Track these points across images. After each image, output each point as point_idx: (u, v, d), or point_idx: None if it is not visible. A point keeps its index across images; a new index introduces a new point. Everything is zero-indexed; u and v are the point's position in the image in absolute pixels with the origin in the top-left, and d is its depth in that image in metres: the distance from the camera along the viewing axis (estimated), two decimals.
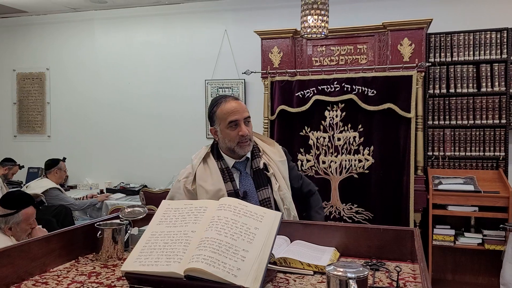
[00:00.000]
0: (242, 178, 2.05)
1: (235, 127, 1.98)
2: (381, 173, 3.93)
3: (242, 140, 1.98)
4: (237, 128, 1.98)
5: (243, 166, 2.08)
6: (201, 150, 2.14)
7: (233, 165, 2.06)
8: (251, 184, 2.03)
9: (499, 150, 4.20)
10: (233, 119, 1.97)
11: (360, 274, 1.03)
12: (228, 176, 2.02)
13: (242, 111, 2.00)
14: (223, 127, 2.00)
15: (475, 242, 4.00)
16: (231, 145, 2.01)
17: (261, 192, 2.02)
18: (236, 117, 1.97)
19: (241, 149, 2.01)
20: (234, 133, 1.98)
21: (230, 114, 1.97)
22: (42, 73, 6.24)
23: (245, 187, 2.02)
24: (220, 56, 5.42)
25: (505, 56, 4.18)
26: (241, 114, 1.98)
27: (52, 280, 1.32)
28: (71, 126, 6.15)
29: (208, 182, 2.00)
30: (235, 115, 1.98)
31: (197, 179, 2.03)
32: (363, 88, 3.94)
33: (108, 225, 1.57)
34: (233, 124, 1.98)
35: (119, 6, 5.72)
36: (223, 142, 2.03)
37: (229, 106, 1.99)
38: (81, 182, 6.03)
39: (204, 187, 1.99)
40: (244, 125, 1.98)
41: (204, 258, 1.16)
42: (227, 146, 2.03)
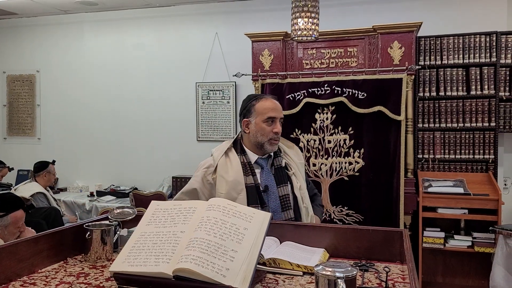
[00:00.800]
0: (264, 174, 2.12)
1: (271, 123, 2.09)
2: (372, 176, 3.95)
3: (274, 137, 2.10)
4: (273, 125, 2.09)
5: (265, 162, 2.15)
6: (223, 144, 2.21)
7: (256, 160, 2.14)
8: (272, 180, 2.11)
9: (489, 153, 4.23)
10: (272, 116, 2.09)
11: (349, 274, 1.03)
12: (250, 170, 2.09)
13: (280, 111, 2.13)
14: (259, 121, 2.09)
15: (465, 245, 4.02)
16: (262, 140, 2.10)
17: (281, 188, 2.11)
18: (275, 115, 2.09)
19: (270, 146, 2.11)
20: (269, 128, 2.09)
21: (270, 111, 2.09)
22: (32, 75, 6.20)
23: (266, 182, 2.10)
24: (211, 59, 5.42)
25: (494, 60, 4.22)
26: (279, 113, 2.11)
27: (40, 281, 1.31)
28: (61, 128, 6.11)
29: (229, 174, 2.07)
30: (275, 112, 2.10)
31: (218, 170, 2.09)
32: (353, 90, 3.96)
33: (97, 226, 1.56)
34: (270, 120, 2.08)
35: (110, 8, 5.70)
36: (254, 136, 2.11)
37: (270, 103, 2.12)
38: (71, 184, 5.99)
39: (225, 177, 2.06)
40: (279, 123, 2.11)
41: (193, 258, 1.16)
42: (257, 141, 2.11)
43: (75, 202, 5.34)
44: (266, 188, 2.07)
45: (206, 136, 5.49)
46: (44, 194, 4.64)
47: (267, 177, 2.11)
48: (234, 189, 2.02)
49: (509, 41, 4.22)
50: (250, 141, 2.14)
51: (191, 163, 5.57)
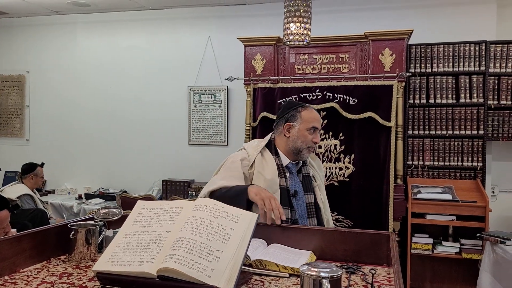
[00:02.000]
0: (292, 179, 2.17)
1: (312, 132, 2.16)
2: (361, 181, 3.96)
3: (312, 146, 2.17)
4: (314, 135, 2.16)
5: (294, 168, 2.20)
6: (256, 142, 2.25)
7: (287, 164, 2.18)
8: (300, 186, 2.17)
9: (477, 160, 4.26)
10: (316, 126, 2.17)
11: (334, 274, 1.02)
12: (283, 173, 2.14)
13: (321, 123, 2.27)
14: (303, 128, 2.15)
15: (453, 251, 4.04)
16: (301, 146, 2.15)
17: (308, 195, 2.17)
18: (318, 126, 2.19)
19: (307, 153, 2.18)
20: (310, 137, 2.15)
21: (315, 121, 2.18)
22: (22, 75, 6.15)
23: (295, 187, 2.14)
24: (203, 62, 5.42)
25: (483, 68, 4.26)
26: (319, 125, 2.21)
27: (22, 280, 1.29)
28: (51, 130, 6.06)
29: (266, 172, 2.10)
30: (318, 123, 2.19)
31: (256, 166, 2.13)
32: (344, 96, 3.98)
33: (82, 226, 1.54)
34: (312, 129, 2.16)
35: (102, 10, 5.69)
36: (294, 141, 2.16)
37: (316, 114, 2.21)
38: (59, 187, 5.93)
39: (263, 174, 2.09)
40: (318, 135, 2.21)
41: (177, 258, 1.14)
42: (295, 146, 2.16)
43: (63, 204, 5.28)
44: (295, 193, 2.11)
45: (197, 140, 5.47)
46: (31, 196, 4.58)
47: (295, 183, 2.16)
48: (270, 187, 2.03)
49: (497, 50, 4.27)
50: (288, 145, 2.18)
51: (181, 167, 5.57)
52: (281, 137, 2.21)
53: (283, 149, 2.19)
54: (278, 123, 2.24)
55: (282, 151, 2.19)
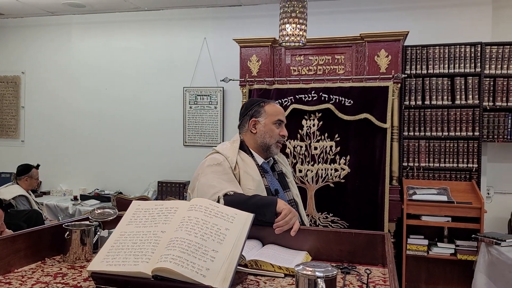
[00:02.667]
0: (269, 178, 2.13)
1: (278, 126, 2.14)
2: (357, 183, 3.96)
3: (280, 140, 2.15)
4: (280, 128, 2.14)
5: (268, 167, 2.18)
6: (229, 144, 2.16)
7: (261, 164, 2.14)
8: (278, 184, 2.15)
9: (472, 162, 4.28)
10: (281, 119, 2.16)
11: (329, 274, 1.02)
12: (262, 172, 2.09)
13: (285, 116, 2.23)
14: (268, 122, 2.13)
15: (448, 252, 4.05)
16: (269, 142, 2.13)
17: (287, 193, 2.16)
18: (283, 119, 2.17)
19: (276, 149, 2.15)
20: (277, 131, 2.13)
21: (280, 114, 2.17)
22: (17, 76, 6.13)
23: (274, 186, 2.11)
24: (199, 64, 5.41)
25: (479, 70, 4.28)
26: (285, 119, 2.20)
27: (16, 280, 1.28)
28: (46, 131, 6.03)
29: (251, 172, 2.04)
30: (283, 117, 2.18)
31: (240, 167, 2.05)
32: (340, 98, 3.98)
33: (77, 226, 1.53)
34: (278, 122, 2.14)
35: (97, 11, 5.67)
36: (262, 136, 2.13)
37: (279, 108, 2.20)
38: (55, 188, 5.91)
39: (250, 174, 2.03)
40: (285, 128, 2.17)
41: (172, 258, 1.14)
42: (264, 142, 2.13)
43: (58, 205, 5.26)
44: (277, 191, 2.08)
45: (193, 141, 5.47)
46: (26, 197, 4.57)
47: (273, 182, 2.13)
48: (259, 187, 2.00)
49: (493, 52, 4.29)
50: (257, 142, 2.14)
51: (177, 168, 5.55)
52: (248, 134, 2.15)
53: (253, 147, 2.14)
54: (243, 121, 2.19)
55: (253, 150, 2.14)
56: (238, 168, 2.03)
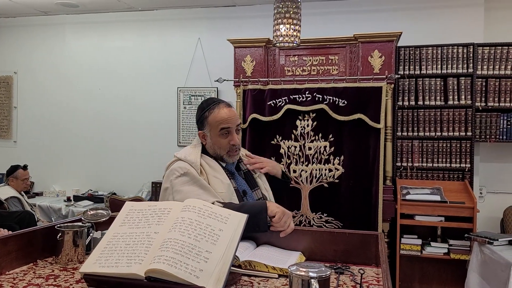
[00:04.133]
0: (236, 179, 2.03)
1: (226, 135, 1.94)
2: (351, 183, 3.97)
3: (232, 149, 1.96)
4: (229, 136, 1.94)
5: (232, 167, 2.05)
6: (190, 149, 2.03)
7: (225, 166, 2.02)
8: (245, 184, 2.04)
9: (465, 162, 4.30)
10: (225, 126, 1.93)
11: (322, 274, 1.02)
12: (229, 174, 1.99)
13: (235, 118, 1.97)
14: (214, 134, 1.96)
15: (441, 252, 4.07)
16: (220, 153, 1.97)
17: (255, 192, 2.05)
18: (229, 125, 1.94)
19: (229, 158, 1.98)
20: (225, 141, 1.95)
21: (222, 122, 1.93)
22: (9, 76, 6.09)
23: (242, 187, 2.00)
24: (193, 64, 5.40)
25: (471, 70, 4.30)
26: (233, 122, 1.95)
27: (7, 282, 1.27)
28: (39, 131, 6.00)
29: (219, 175, 1.94)
30: (227, 123, 1.94)
31: (207, 171, 1.93)
32: (334, 98, 3.99)
33: (69, 228, 1.52)
34: (224, 131, 1.94)
35: (91, 11, 5.65)
36: (212, 148, 1.99)
37: (222, 114, 1.94)
38: (48, 189, 5.87)
39: (219, 178, 1.92)
40: (235, 134, 1.96)
41: (166, 259, 1.14)
42: (215, 153, 1.99)
43: (51, 206, 5.23)
44: (244, 192, 1.98)
45: (187, 142, 5.45)
46: (18, 198, 4.54)
47: (240, 182, 2.02)
48: (228, 190, 1.90)
49: (485, 52, 4.31)
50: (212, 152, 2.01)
51: None
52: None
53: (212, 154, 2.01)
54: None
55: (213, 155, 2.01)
56: (205, 173, 1.92)
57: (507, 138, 4.31)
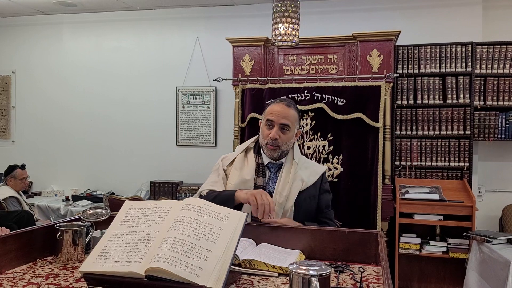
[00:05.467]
0: (271, 179, 2.10)
1: (269, 127, 2.05)
2: (350, 182, 3.97)
3: (269, 142, 2.04)
4: (270, 129, 2.04)
5: (275, 168, 2.12)
6: (247, 141, 2.21)
7: (267, 164, 2.12)
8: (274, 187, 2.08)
9: (464, 161, 4.31)
10: (270, 119, 2.04)
11: (322, 272, 1.02)
12: (262, 172, 2.09)
13: (282, 116, 2.04)
14: (263, 122, 2.10)
15: (440, 250, 4.07)
16: (262, 143, 2.10)
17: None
18: (273, 118, 2.04)
19: (268, 151, 2.08)
20: (267, 132, 2.06)
21: (271, 114, 2.05)
22: (7, 76, 6.07)
23: (271, 188, 2.06)
24: (191, 63, 5.40)
25: (470, 69, 4.31)
26: (278, 118, 2.03)
27: (7, 282, 1.27)
28: (37, 131, 5.99)
29: (244, 171, 2.08)
30: (274, 116, 2.04)
31: (235, 164, 2.12)
32: (332, 97, 3.99)
33: (69, 227, 1.52)
34: (268, 123, 2.05)
35: (89, 10, 5.64)
36: (260, 137, 2.13)
37: (275, 107, 2.07)
38: (46, 189, 5.86)
39: (238, 171, 2.08)
40: (277, 130, 2.03)
41: (166, 258, 1.13)
42: (260, 143, 2.13)
43: (50, 206, 5.22)
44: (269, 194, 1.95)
45: (186, 141, 5.45)
46: (17, 198, 4.52)
47: (272, 184, 2.08)
48: (244, 184, 2.03)
49: (483, 51, 4.32)
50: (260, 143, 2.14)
51: (170, 168, 5.54)
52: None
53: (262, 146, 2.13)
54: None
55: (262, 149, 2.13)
56: (232, 166, 2.11)
57: (505, 137, 4.32)
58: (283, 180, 2.07)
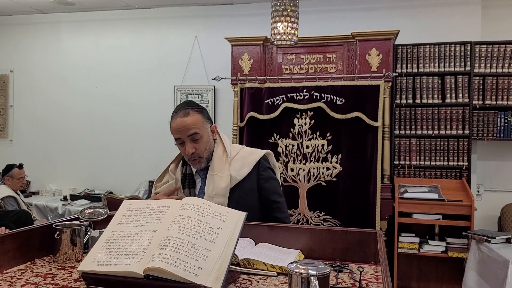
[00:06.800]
0: (202, 185, 1.98)
1: (181, 144, 1.92)
2: (349, 181, 3.97)
3: (189, 157, 1.93)
4: (184, 147, 1.91)
5: (204, 174, 1.99)
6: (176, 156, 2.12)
7: (196, 171, 2.01)
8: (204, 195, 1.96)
9: (462, 160, 4.31)
10: (176, 137, 1.92)
11: (322, 272, 1.02)
12: (188, 183, 1.99)
13: (186, 129, 1.89)
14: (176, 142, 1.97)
15: (439, 250, 4.08)
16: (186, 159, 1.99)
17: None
18: (178, 136, 1.91)
19: (193, 165, 1.98)
20: (182, 149, 1.94)
21: (174, 132, 1.92)
22: (5, 75, 6.06)
23: (202, 195, 1.94)
24: (190, 62, 5.39)
25: (469, 69, 4.31)
26: (184, 133, 1.89)
27: (5, 281, 1.26)
28: (35, 130, 5.97)
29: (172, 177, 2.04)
30: (177, 133, 1.91)
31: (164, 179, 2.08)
32: (331, 96, 3.99)
33: (67, 226, 1.51)
34: (179, 141, 1.93)
35: (87, 9, 5.63)
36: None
37: (174, 124, 1.92)
38: (44, 188, 5.85)
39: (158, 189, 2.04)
40: (189, 144, 1.90)
41: (164, 257, 1.13)
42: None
43: (48, 206, 5.21)
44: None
45: None
46: (14, 198, 4.52)
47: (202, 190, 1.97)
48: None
49: (482, 51, 4.32)
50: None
51: None
52: None
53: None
54: None
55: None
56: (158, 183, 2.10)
57: (504, 136, 4.32)
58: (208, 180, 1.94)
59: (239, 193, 1.92)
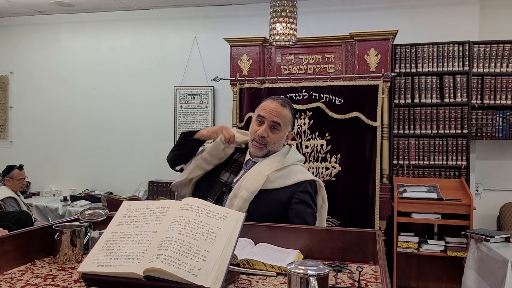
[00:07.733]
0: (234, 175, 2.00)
1: (259, 123, 1.94)
2: (348, 181, 3.98)
3: (256, 138, 1.93)
4: (260, 126, 1.93)
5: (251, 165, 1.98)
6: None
7: (247, 161, 2.00)
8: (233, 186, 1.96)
9: (461, 159, 4.32)
10: (261, 114, 1.93)
11: (321, 272, 1.02)
12: (233, 169, 1.99)
13: (275, 114, 1.92)
14: (254, 118, 1.99)
15: (438, 249, 4.08)
16: (249, 138, 1.99)
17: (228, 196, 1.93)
18: (264, 114, 1.92)
19: (252, 147, 1.96)
20: (255, 128, 1.94)
21: (263, 110, 1.94)
22: (5, 76, 6.06)
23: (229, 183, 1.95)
24: (189, 63, 5.40)
25: (467, 68, 4.32)
26: (270, 115, 1.91)
27: (5, 282, 1.27)
28: (35, 131, 5.98)
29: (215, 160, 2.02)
30: (265, 112, 1.92)
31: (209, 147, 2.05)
32: (330, 96, 3.99)
33: (67, 227, 1.52)
34: (259, 118, 1.94)
35: (86, 10, 5.63)
36: (249, 132, 2.01)
37: (269, 103, 1.95)
38: (44, 189, 5.85)
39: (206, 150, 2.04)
40: (266, 127, 1.91)
41: (164, 258, 1.13)
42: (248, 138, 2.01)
43: (48, 206, 5.22)
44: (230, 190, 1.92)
45: None
46: (15, 199, 4.52)
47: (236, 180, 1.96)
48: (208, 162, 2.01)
49: (481, 50, 4.33)
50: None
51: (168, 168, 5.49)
52: None
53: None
54: None
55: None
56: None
57: (503, 136, 4.33)
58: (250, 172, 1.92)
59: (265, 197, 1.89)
